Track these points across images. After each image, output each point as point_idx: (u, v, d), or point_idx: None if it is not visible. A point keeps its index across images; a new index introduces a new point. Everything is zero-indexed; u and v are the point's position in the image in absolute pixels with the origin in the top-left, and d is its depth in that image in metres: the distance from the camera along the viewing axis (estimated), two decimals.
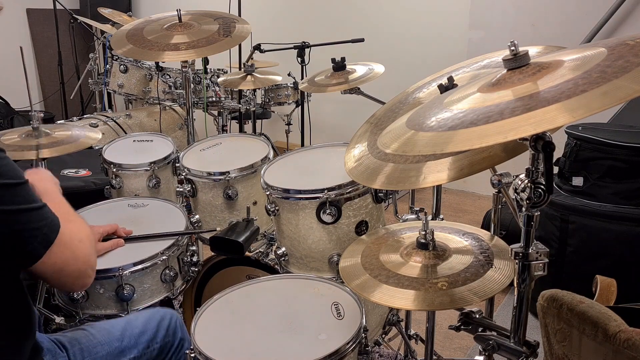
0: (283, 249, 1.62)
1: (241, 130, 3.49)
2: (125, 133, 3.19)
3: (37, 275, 1.06)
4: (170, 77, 3.37)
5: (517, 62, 0.89)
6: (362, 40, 3.15)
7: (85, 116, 3.39)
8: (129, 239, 1.59)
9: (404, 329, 1.76)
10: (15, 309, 1.08)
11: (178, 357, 1.38)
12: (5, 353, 1.04)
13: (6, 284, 1.05)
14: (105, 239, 1.54)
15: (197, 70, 3.22)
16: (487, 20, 3.75)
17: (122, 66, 3.46)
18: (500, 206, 1.33)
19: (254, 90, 3.21)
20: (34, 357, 1.11)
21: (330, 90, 1.93)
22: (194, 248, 1.73)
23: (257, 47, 3.16)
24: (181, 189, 1.88)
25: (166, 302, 1.63)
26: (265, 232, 1.86)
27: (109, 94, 4.02)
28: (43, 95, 5.40)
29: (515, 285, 0.98)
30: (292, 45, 3.30)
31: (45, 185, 1.24)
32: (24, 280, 1.10)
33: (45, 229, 1.02)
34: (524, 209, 0.92)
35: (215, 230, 1.75)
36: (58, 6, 4.41)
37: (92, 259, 1.14)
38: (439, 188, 1.65)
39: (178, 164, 1.94)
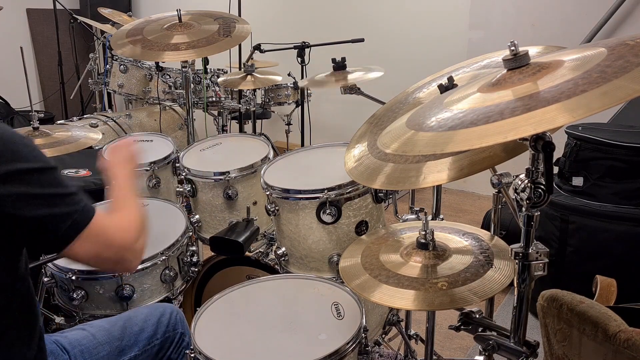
0: (283, 249, 1.62)
1: (241, 130, 3.49)
2: (125, 133, 3.19)
3: (73, 259, 1.06)
4: (170, 77, 3.37)
5: (517, 62, 0.89)
6: (362, 40, 3.14)
7: (85, 116, 3.39)
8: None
9: (404, 329, 1.76)
10: (22, 300, 1.07)
11: (179, 351, 1.39)
12: (17, 345, 1.04)
13: (14, 274, 1.05)
14: None
15: (197, 70, 3.22)
16: (487, 20, 3.75)
17: (122, 66, 3.46)
18: (500, 206, 1.32)
19: (254, 90, 3.20)
20: (40, 356, 1.11)
21: (330, 86, 1.92)
22: (194, 248, 1.73)
23: (257, 47, 3.15)
24: (181, 189, 1.88)
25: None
26: (265, 232, 1.86)
27: (109, 94, 4.02)
28: (43, 95, 5.40)
29: (515, 285, 0.98)
30: (292, 45, 3.29)
31: (116, 170, 1.26)
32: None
33: (76, 215, 1.01)
34: (524, 209, 0.92)
35: None
36: (58, 6, 4.41)
37: (132, 246, 1.10)
38: (439, 188, 1.64)
39: (178, 164, 1.94)
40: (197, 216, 1.88)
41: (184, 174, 1.86)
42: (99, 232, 1.04)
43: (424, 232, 1.19)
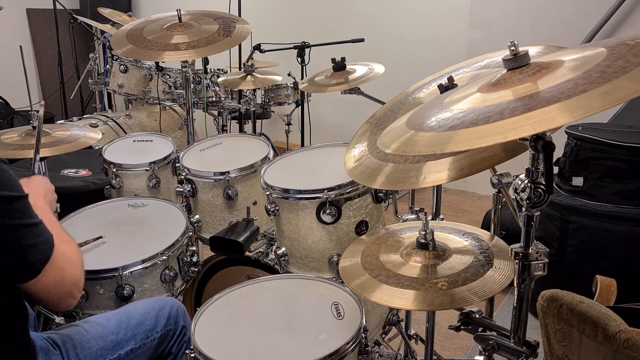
0: (283, 249, 1.62)
1: (241, 130, 3.49)
2: (125, 133, 3.20)
3: (26, 292, 1.04)
4: (170, 77, 3.37)
5: (517, 62, 0.89)
6: (362, 40, 3.15)
7: (85, 116, 3.39)
8: None
9: (404, 329, 1.76)
10: (12, 311, 1.07)
11: (180, 344, 1.38)
12: (3, 356, 1.04)
13: (6, 289, 1.04)
14: None
15: (197, 70, 3.22)
16: (487, 20, 3.75)
17: (122, 66, 3.46)
18: (500, 206, 1.32)
19: (254, 90, 3.21)
20: (27, 356, 1.11)
21: (330, 90, 1.93)
22: (194, 248, 1.73)
23: (257, 47, 3.15)
24: (181, 189, 1.88)
25: None
26: (265, 232, 1.86)
27: (109, 94, 4.02)
28: (43, 95, 5.40)
29: (515, 285, 0.98)
30: (292, 45, 3.30)
31: (36, 201, 1.16)
32: None
33: (42, 246, 1.00)
34: (524, 209, 0.92)
35: None
36: (58, 6, 4.41)
37: (80, 280, 1.11)
38: (439, 188, 1.64)
39: (178, 164, 1.94)
40: (197, 216, 1.88)
41: (184, 174, 1.86)
42: (57, 264, 1.03)
43: (424, 232, 1.19)
